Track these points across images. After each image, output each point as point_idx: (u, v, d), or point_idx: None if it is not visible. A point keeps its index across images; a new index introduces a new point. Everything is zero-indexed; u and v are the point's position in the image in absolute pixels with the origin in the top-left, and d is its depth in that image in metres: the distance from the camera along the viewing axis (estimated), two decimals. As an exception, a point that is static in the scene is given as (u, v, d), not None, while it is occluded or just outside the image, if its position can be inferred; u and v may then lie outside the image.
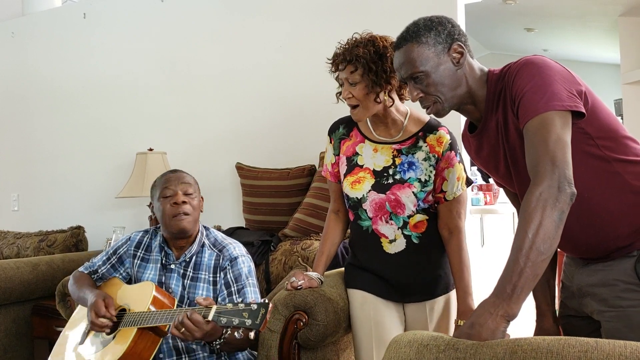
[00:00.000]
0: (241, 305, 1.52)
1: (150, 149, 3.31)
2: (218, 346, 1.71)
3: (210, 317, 1.55)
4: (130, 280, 2.05)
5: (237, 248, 1.98)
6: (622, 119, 5.27)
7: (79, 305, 2.06)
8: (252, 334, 1.53)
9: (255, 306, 1.51)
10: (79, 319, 2.02)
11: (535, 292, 1.55)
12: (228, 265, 1.93)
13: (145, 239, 2.05)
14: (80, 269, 2.11)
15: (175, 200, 1.91)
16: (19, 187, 4.11)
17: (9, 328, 2.93)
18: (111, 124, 3.70)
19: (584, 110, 1.28)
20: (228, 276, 1.92)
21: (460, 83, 1.42)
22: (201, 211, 2.01)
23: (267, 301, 1.52)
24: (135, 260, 2.02)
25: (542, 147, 1.22)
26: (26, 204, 4.08)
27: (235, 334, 1.53)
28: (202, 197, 2.03)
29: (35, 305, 2.98)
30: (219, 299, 1.90)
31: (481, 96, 1.43)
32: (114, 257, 2.06)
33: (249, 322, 1.49)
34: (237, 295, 1.89)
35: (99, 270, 2.06)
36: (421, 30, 1.41)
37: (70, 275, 2.42)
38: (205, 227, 2.05)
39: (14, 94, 4.15)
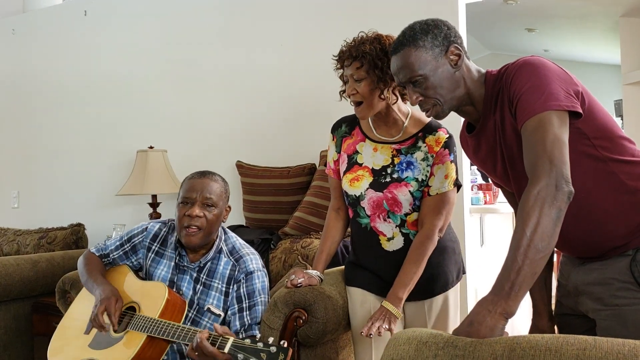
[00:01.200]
0: (260, 345, 1.46)
1: (151, 147, 3.32)
2: None
3: (226, 350, 1.50)
4: (140, 269, 2.01)
5: (254, 261, 1.91)
6: (622, 119, 5.27)
7: (83, 290, 2.02)
8: None
9: (274, 349, 1.44)
10: (86, 304, 1.96)
11: (532, 291, 1.56)
12: (243, 279, 1.87)
13: (162, 231, 1.99)
14: (92, 249, 2.06)
15: (189, 213, 1.83)
16: (19, 184, 4.11)
17: (8, 325, 2.93)
18: (112, 122, 3.70)
19: (580, 110, 1.29)
20: (241, 290, 1.86)
21: (459, 85, 1.43)
22: (224, 221, 1.93)
23: (286, 345, 1.46)
24: (150, 254, 1.98)
25: (539, 147, 1.23)
26: (26, 201, 4.09)
27: None
28: (229, 207, 1.95)
29: (35, 303, 2.98)
30: (229, 312, 1.87)
31: (479, 97, 1.44)
32: (127, 245, 2.01)
33: None
34: (247, 312, 1.84)
35: (111, 255, 2.02)
36: (418, 34, 1.42)
37: (70, 272, 2.43)
38: (224, 230, 1.98)
39: (14, 90, 4.15)
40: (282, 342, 1.46)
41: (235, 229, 2.86)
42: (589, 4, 5.10)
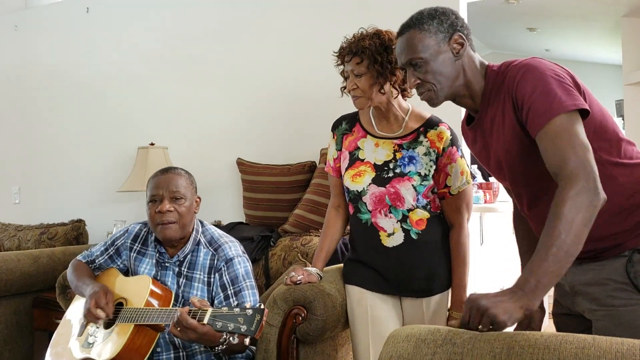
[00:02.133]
0: (236, 310, 1.49)
1: (152, 144, 3.32)
2: (220, 352, 1.67)
3: (205, 321, 1.52)
4: (127, 272, 2.03)
5: (233, 248, 1.91)
6: (623, 119, 5.27)
7: (75, 297, 2.06)
8: (247, 340, 1.51)
9: (250, 312, 1.48)
10: (78, 309, 2.01)
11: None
12: (223, 266, 1.87)
13: (143, 231, 2.02)
14: (79, 257, 2.09)
15: (159, 209, 1.85)
16: (20, 180, 4.12)
17: (9, 320, 2.94)
18: (113, 118, 3.70)
19: (589, 109, 1.29)
20: (224, 278, 1.86)
21: (459, 74, 1.43)
22: (196, 212, 1.94)
23: (262, 307, 1.49)
24: (132, 254, 2.00)
25: (570, 151, 1.21)
26: (27, 197, 4.09)
27: (231, 339, 1.50)
28: (198, 198, 1.96)
29: (36, 298, 2.99)
30: (215, 302, 1.86)
31: (478, 89, 1.44)
32: (111, 248, 2.04)
33: (244, 327, 1.46)
34: (234, 298, 1.84)
35: (97, 261, 2.05)
36: (424, 18, 1.43)
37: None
38: (201, 222, 1.99)
39: (16, 87, 4.15)
40: (259, 305, 1.50)
41: (235, 226, 2.87)
42: (591, 4, 5.10)
